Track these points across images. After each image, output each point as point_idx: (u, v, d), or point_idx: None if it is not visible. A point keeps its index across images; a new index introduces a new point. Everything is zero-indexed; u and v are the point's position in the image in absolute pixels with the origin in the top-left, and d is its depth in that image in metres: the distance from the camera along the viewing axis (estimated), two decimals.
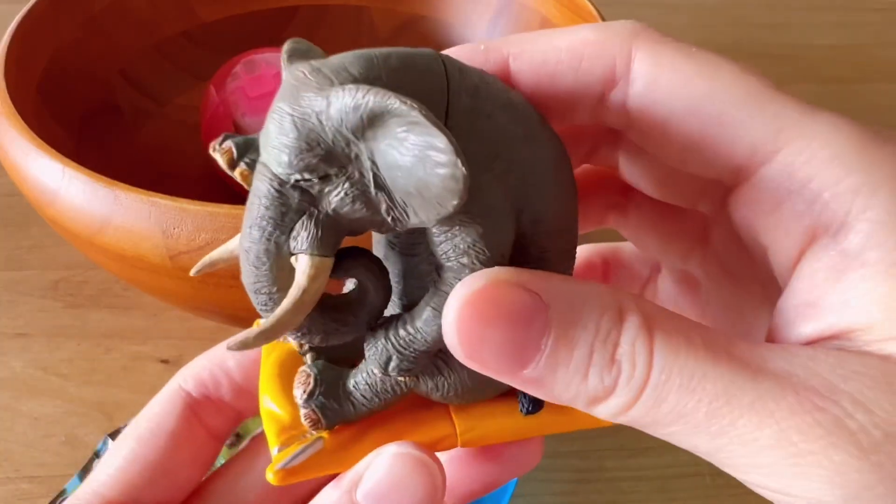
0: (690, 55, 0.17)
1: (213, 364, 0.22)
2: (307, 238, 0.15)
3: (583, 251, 0.24)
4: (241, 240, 0.16)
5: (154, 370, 0.45)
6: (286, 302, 0.15)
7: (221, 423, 0.22)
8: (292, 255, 0.16)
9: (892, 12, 0.85)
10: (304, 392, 0.17)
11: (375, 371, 0.17)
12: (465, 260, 0.16)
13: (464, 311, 0.15)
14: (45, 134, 0.37)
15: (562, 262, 0.18)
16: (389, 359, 0.17)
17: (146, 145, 0.52)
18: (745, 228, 0.17)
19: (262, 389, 0.19)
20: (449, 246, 0.16)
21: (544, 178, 0.17)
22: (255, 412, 0.23)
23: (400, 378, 0.17)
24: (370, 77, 0.15)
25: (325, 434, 0.18)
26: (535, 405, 0.18)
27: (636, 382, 0.14)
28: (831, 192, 0.15)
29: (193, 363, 0.22)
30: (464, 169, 0.14)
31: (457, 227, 0.15)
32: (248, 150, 0.16)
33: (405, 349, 0.16)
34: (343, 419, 0.17)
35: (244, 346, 0.15)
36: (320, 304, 0.16)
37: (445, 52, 0.17)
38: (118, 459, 0.20)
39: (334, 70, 0.15)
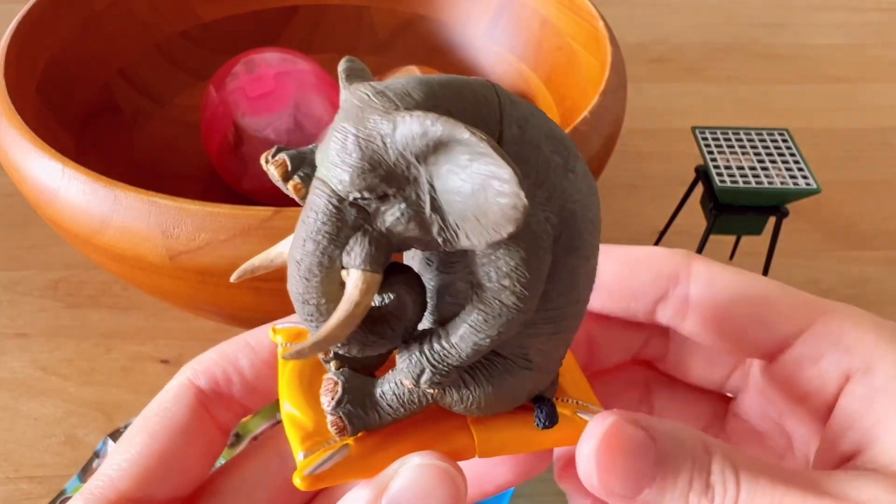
0: (732, 267, 0.23)
1: (225, 362, 0.22)
2: (361, 254, 0.16)
3: None
4: (293, 250, 0.16)
5: (154, 370, 0.45)
6: (338, 314, 0.16)
7: (230, 418, 0.22)
8: (344, 269, 0.16)
9: (892, 12, 0.85)
10: (332, 400, 0.17)
11: (405, 382, 0.17)
12: (506, 282, 0.16)
13: (601, 444, 0.18)
14: (45, 134, 0.37)
15: (587, 287, 0.19)
16: (422, 371, 0.17)
17: (146, 145, 0.52)
18: (785, 384, 0.22)
19: (282, 395, 0.19)
20: (492, 268, 0.16)
21: (580, 207, 0.17)
22: (259, 407, 0.23)
23: (429, 390, 0.17)
24: (431, 103, 0.15)
25: (350, 441, 0.18)
26: (551, 420, 0.19)
27: (728, 503, 0.17)
28: (859, 344, 0.20)
29: (203, 358, 0.22)
30: (525, 200, 0.14)
31: (501, 251, 0.16)
32: (302, 163, 0.17)
33: (439, 363, 0.17)
34: (368, 427, 0.18)
35: (300, 355, 0.16)
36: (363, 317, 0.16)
37: None
38: (131, 453, 0.20)
39: (398, 95, 0.15)
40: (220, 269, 0.33)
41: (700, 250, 0.47)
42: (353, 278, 0.16)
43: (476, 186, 0.15)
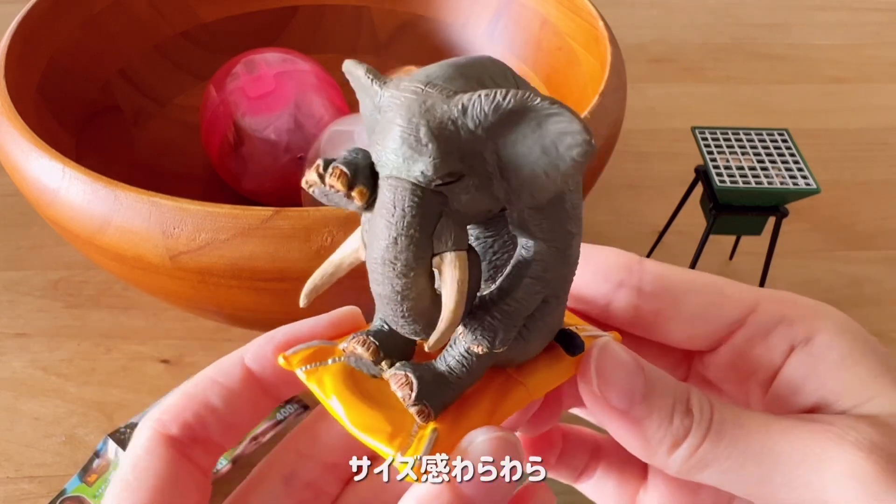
0: (679, 266, 0.25)
1: (194, 404, 0.21)
2: (451, 236, 0.17)
3: None
4: (381, 253, 0.17)
5: (154, 370, 0.45)
6: (453, 299, 0.17)
7: (211, 460, 0.21)
8: (435, 255, 0.17)
9: (892, 12, 0.85)
10: (412, 392, 0.18)
11: (477, 349, 0.18)
12: (570, 226, 0.18)
13: (599, 360, 0.21)
14: (46, 134, 0.37)
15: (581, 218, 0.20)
16: (496, 334, 0.18)
17: (146, 145, 0.52)
18: (732, 364, 0.24)
19: (343, 419, 0.19)
20: (544, 221, 0.18)
21: None
22: (237, 443, 0.22)
23: (500, 349, 0.18)
24: (475, 83, 0.17)
25: (434, 425, 0.19)
26: (581, 347, 0.21)
27: (704, 423, 0.20)
28: (800, 319, 0.23)
29: (169, 406, 0.21)
30: (595, 147, 0.16)
31: (548, 207, 0.18)
32: (359, 168, 0.17)
33: (509, 321, 0.18)
34: (445, 405, 0.19)
35: (440, 343, 0.17)
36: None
37: None
38: None
39: (445, 81, 0.17)
40: (220, 269, 0.33)
41: (700, 250, 0.47)
42: (450, 261, 0.17)
43: (547, 144, 0.16)
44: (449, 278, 0.17)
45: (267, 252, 0.32)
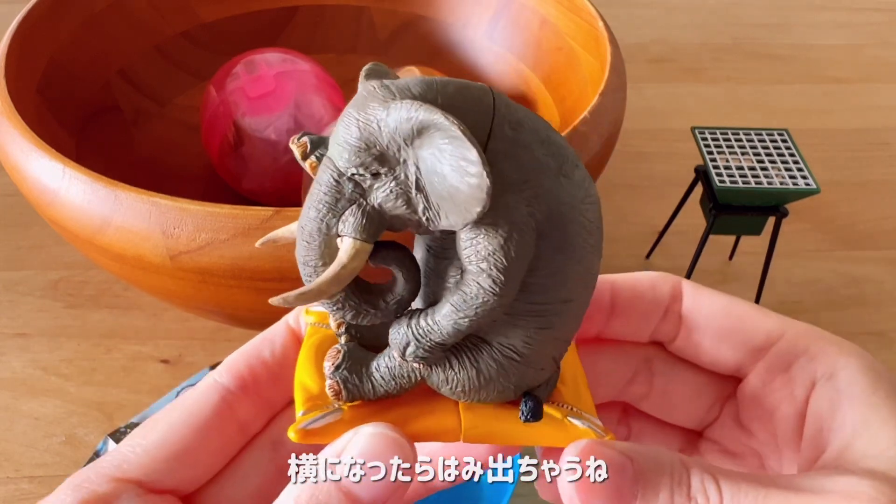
0: (709, 288, 0.25)
1: (248, 356, 0.23)
2: (353, 223, 0.18)
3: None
4: (300, 218, 0.19)
5: (154, 370, 0.45)
6: (327, 273, 0.18)
7: (254, 414, 0.23)
8: (339, 236, 0.18)
9: (892, 12, 0.85)
10: (332, 364, 0.19)
11: (395, 355, 0.19)
12: (484, 265, 0.18)
13: (580, 457, 0.19)
14: (46, 134, 0.37)
15: (581, 290, 0.19)
16: (408, 344, 0.19)
17: (146, 145, 0.52)
18: (758, 395, 0.24)
19: (298, 365, 0.21)
20: (472, 251, 0.18)
21: (570, 210, 0.18)
22: (290, 399, 0.24)
23: (415, 364, 0.19)
24: (427, 97, 0.17)
25: (344, 406, 0.20)
26: (534, 415, 0.20)
27: None
28: (823, 355, 0.23)
29: (228, 358, 0.23)
30: (488, 181, 0.16)
31: (481, 235, 0.17)
32: (320, 145, 0.19)
33: (423, 338, 0.18)
34: (362, 396, 0.20)
35: (286, 302, 0.18)
36: (357, 285, 0.19)
37: None
38: (147, 440, 0.21)
39: (399, 89, 0.17)
40: (220, 269, 0.33)
41: (700, 250, 0.47)
42: (345, 244, 0.18)
43: (451, 168, 0.17)
44: (336, 258, 0.18)
45: (267, 252, 0.32)
